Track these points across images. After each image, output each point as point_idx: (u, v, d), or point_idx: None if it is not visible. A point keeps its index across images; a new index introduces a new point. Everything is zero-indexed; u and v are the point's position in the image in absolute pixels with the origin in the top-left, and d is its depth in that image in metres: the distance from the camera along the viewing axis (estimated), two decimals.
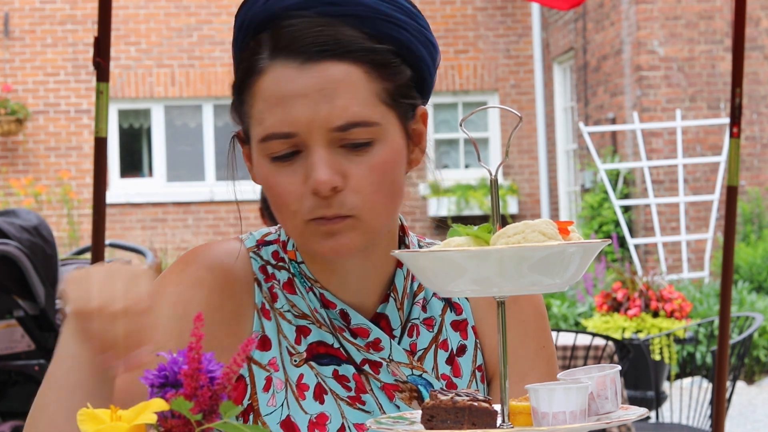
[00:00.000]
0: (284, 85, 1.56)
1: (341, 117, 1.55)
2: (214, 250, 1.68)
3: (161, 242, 14.85)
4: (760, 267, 11.67)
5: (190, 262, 1.66)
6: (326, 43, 1.56)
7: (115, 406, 1.11)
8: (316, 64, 1.56)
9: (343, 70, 1.57)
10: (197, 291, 1.64)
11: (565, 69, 15.25)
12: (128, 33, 15.06)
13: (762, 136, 12.79)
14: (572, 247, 1.29)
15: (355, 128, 1.56)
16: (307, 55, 1.56)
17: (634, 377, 6.78)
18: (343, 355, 1.65)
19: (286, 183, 1.57)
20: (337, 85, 1.56)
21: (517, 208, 15.35)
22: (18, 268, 5.76)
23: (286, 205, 1.58)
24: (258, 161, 1.61)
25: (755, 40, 12.62)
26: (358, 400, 1.64)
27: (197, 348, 1.09)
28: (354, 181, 1.56)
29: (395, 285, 1.68)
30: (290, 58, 1.57)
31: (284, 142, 1.56)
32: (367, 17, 1.59)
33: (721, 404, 4.35)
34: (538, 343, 1.73)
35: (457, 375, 1.69)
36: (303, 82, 1.56)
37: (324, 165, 1.55)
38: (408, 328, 1.68)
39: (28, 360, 6.03)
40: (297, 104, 1.55)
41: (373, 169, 1.57)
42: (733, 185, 4.25)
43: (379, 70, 1.59)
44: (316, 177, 1.54)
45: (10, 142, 14.92)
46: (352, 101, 1.56)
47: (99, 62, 3.62)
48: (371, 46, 1.59)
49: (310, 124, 1.55)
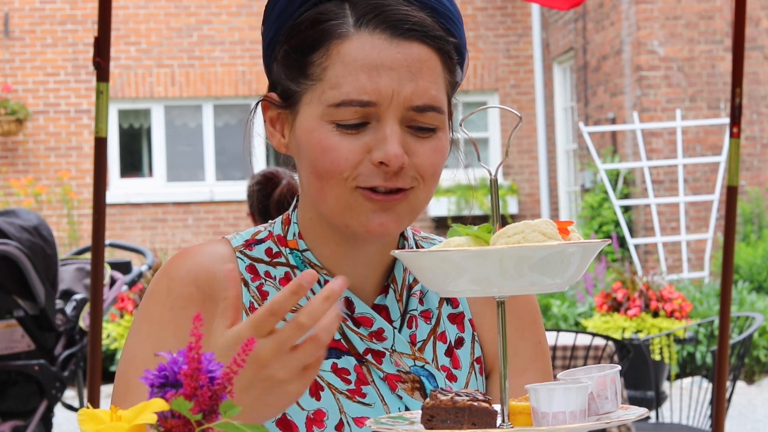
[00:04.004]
0: (373, 54, 1.56)
1: (421, 98, 1.57)
2: (196, 258, 1.66)
3: (161, 242, 14.85)
4: (760, 267, 11.67)
5: (174, 278, 1.64)
6: (416, 24, 1.58)
7: None
8: (405, 41, 1.57)
9: (427, 53, 1.59)
10: (190, 309, 1.62)
11: (565, 69, 15.25)
12: (128, 33, 15.05)
13: (762, 136, 12.79)
14: (572, 247, 1.29)
15: (430, 112, 1.58)
16: (397, 30, 1.57)
17: (634, 377, 6.78)
18: (344, 346, 1.64)
19: (346, 150, 1.56)
20: (422, 65, 1.57)
21: (517, 208, 15.35)
22: (18, 268, 5.76)
23: (339, 171, 1.57)
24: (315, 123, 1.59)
25: (755, 40, 12.62)
26: (358, 392, 1.63)
27: (197, 348, 1.09)
28: (418, 160, 1.58)
29: (395, 276, 1.68)
30: (379, 30, 1.57)
31: (358, 111, 1.56)
32: (441, 12, 1.62)
33: (721, 404, 4.35)
34: (535, 338, 1.74)
35: (456, 367, 1.69)
36: (392, 56, 1.56)
37: (397, 141, 1.55)
38: (407, 320, 1.68)
39: (28, 360, 6.03)
40: (383, 75, 1.56)
41: (435, 151, 1.59)
42: (733, 185, 4.25)
43: (449, 63, 1.62)
44: (389, 150, 1.55)
45: (10, 142, 14.91)
46: (432, 85, 1.58)
47: (99, 62, 3.62)
48: (444, 35, 1.61)
49: (393, 98, 1.55)
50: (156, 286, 1.65)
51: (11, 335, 5.97)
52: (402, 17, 1.57)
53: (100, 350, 3.69)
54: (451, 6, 1.64)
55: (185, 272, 1.64)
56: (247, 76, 15.12)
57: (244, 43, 15.11)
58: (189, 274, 1.64)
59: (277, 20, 1.64)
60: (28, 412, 6.13)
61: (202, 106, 15.37)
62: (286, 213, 1.71)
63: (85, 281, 6.38)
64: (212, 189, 15.15)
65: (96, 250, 3.72)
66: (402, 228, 1.60)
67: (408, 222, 1.61)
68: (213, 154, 15.39)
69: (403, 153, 1.55)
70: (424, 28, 1.58)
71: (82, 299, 6.22)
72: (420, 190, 1.59)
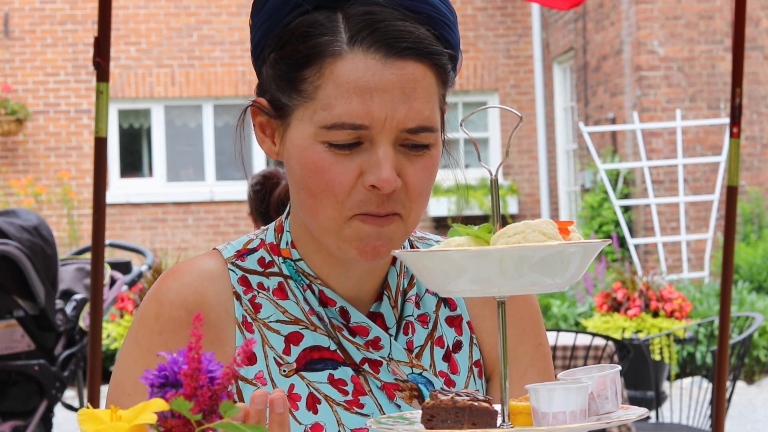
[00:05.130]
0: (367, 76, 1.52)
1: (415, 120, 1.53)
2: (185, 278, 1.63)
3: (161, 242, 14.85)
4: (760, 267, 11.67)
5: (163, 302, 1.61)
6: (410, 41, 1.53)
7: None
8: (399, 60, 1.53)
9: (421, 71, 1.55)
10: (180, 334, 1.60)
11: (565, 69, 15.25)
12: (128, 33, 15.06)
13: (762, 136, 12.79)
14: (572, 247, 1.29)
15: (424, 132, 1.55)
16: (392, 50, 1.53)
17: (634, 377, 6.78)
18: (341, 357, 1.62)
19: (339, 172, 1.54)
20: (416, 85, 1.54)
21: (517, 208, 15.35)
22: (18, 268, 5.76)
23: (334, 194, 1.54)
24: (306, 142, 1.56)
25: (755, 40, 12.62)
26: (356, 403, 1.61)
27: (197, 348, 1.09)
28: (409, 180, 1.55)
29: (388, 283, 1.66)
30: (374, 49, 1.53)
31: (351, 133, 1.53)
32: (435, 18, 1.58)
33: (721, 404, 4.35)
34: (536, 340, 1.72)
35: (454, 372, 1.67)
36: (386, 78, 1.52)
37: (389, 164, 1.53)
38: (403, 326, 1.66)
39: (28, 360, 6.03)
40: (376, 99, 1.52)
41: (425, 169, 1.57)
42: (733, 185, 4.25)
43: (443, 75, 1.58)
44: (382, 175, 1.52)
45: (10, 142, 14.91)
46: (426, 105, 1.55)
47: (99, 62, 3.62)
48: (440, 49, 1.57)
49: (386, 121, 1.52)
50: (144, 311, 1.62)
51: (11, 335, 5.97)
52: (398, 35, 1.53)
53: (100, 350, 3.70)
54: (444, 7, 1.59)
55: (174, 295, 1.61)
56: (247, 76, 15.11)
57: (244, 43, 15.10)
58: (178, 296, 1.61)
59: (266, 22, 1.62)
60: (28, 412, 6.13)
61: (202, 106, 15.37)
62: (279, 219, 1.69)
63: (85, 281, 6.38)
64: (212, 189, 15.15)
65: (96, 250, 3.72)
66: (396, 248, 1.57)
67: (400, 244, 1.59)
68: (213, 154, 15.39)
69: (396, 178, 1.53)
70: (420, 45, 1.54)
71: (82, 299, 6.22)
72: (410, 214, 1.57)
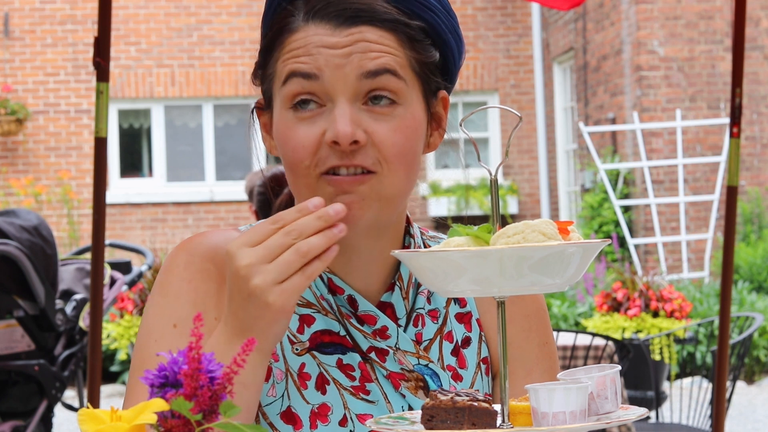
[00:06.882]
0: (315, 39, 1.56)
1: (373, 63, 1.55)
2: (214, 239, 1.65)
3: (161, 242, 14.85)
4: (760, 267, 11.67)
5: (194, 253, 1.63)
6: (362, 10, 1.57)
7: None
8: (352, 26, 1.56)
9: (378, 34, 1.57)
10: (209, 284, 1.62)
11: (565, 69, 15.25)
12: (128, 33, 15.05)
13: (762, 136, 12.79)
14: (572, 247, 1.29)
15: (385, 74, 1.55)
16: (342, 18, 1.56)
17: (634, 377, 6.78)
18: (349, 342, 1.64)
19: (302, 136, 1.56)
20: (370, 44, 1.56)
21: (517, 208, 15.35)
22: (18, 268, 5.76)
23: (301, 159, 1.56)
24: (278, 117, 1.59)
25: (755, 40, 12.62)
26: (362, 389, 1.63)
27: (197, 348, 1.09)
28: (377, 138, 1.55)
29: (401, 273, 1.67)
30: (325, 20, 1.56)
31: (304, 85, 1.55)
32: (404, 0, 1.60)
33: (721, 404, 4.35)
34: (542, 338, 1.73)
35: (462, 367, 1.69)
36: (336, 39, 1.56)
37: (347, 118, 1.53)
38: (413, 318, 1.67)
39: (28, 360, 6.03)
40: (324, 53, 1.55)
41: (396, 130, 1.56)
42: (733, 185, 4.25)
43: (411, 42, 1.59)
44: (337, 128, 1.53)
45: (10, 142, 14.91)
46: (385, 55, 1.56)
47: (99, 62, 3.62)
48: (404, 20, 1.59)
49: (337, 71, 1.54)
50: (173, 260, 1.64)
51: (11, 335, 5.97)
52: (349, 5, 1.56)
53: (100, 350, 3.70)
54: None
55: (204, 249, 1.63)
56: (247, 76, 15.11)
57: (244, 43, 15.11)
58: (208, 251, 1.63)
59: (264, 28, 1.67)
60: (28, 412, 6.12)
61: (202, 106, 15.37)
62: None
63: (85, 281, 6.38)
64: (212, 189, 15.15)
65: (96, 250, 3.72)
66: (370, 214, 1.56)
67: (377, 208, 1.57)
68: (213, 154, 15.39)
69: (353, 129, 1.53)
70: (373, 13, 1.57)
71: (82, 299, 6.22)
72: (385, 174, 1.56)
